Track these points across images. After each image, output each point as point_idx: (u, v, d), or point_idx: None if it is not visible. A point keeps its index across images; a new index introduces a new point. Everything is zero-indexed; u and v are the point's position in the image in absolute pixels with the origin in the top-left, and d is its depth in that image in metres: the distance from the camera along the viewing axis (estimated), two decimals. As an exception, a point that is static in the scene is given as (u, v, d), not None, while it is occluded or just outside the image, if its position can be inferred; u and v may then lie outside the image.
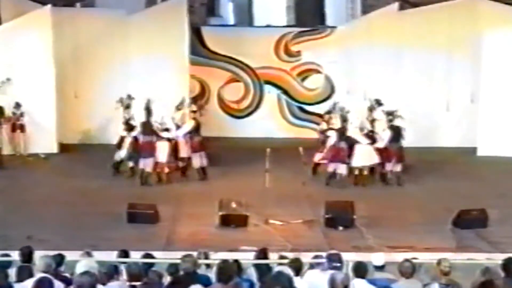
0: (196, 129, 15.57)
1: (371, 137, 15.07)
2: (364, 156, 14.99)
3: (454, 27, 19.02)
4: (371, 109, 15.52)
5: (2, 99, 17.42)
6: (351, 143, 14.99)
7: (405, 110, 15.93)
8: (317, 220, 12.17)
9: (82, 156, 17.64)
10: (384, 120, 15.17)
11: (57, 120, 18.25)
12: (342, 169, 14.97)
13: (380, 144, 15.01)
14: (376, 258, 7.49)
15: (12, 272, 7.17)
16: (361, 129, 15.11)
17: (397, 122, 15.12)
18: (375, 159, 15.01)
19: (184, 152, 15.41)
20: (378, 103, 15.56)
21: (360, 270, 7.06)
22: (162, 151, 15.00)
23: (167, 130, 15.19)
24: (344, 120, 15.14)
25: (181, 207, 13.18)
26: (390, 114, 15.19)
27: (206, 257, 8.26)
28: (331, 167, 15.11)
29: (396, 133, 15.07)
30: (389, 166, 15.12)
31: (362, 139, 14.99)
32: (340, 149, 14.99)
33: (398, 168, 15.16)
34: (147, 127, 15.12)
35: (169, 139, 15.14)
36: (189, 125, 15.51)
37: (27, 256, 7.41)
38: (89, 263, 7.24)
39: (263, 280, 7.32)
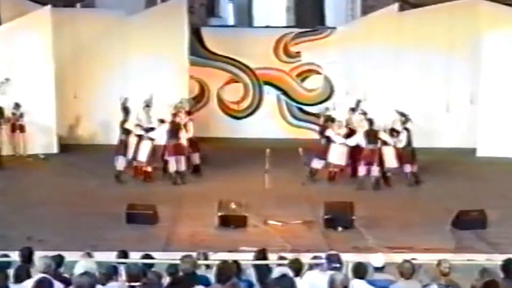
0: (172, 133, 15.12)
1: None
2: (393, 157, 14.95)
3: (454, 28, 19.02)
4: (353, 109, 15.60)
5: (1, 99, 17.41)
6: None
7: (404, 111, 16.01)
8: (317, 221, 12.17)
9: (82, 156, 17.64)
10: (398, 121, 15.19)
11: (57, 120, 18.28)
12: (376, 171, 14.84)
13: (400, 144, 15.02)
14: (376, 259, 7.49)
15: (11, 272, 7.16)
16: (385, 130, 15.12)
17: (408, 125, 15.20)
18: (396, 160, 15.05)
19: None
20: (358, 104, 15.84)
21: (360, 270, 7.07)
22: (143, 150, 15.00)
23: (151, 129, 15.15)
24: (371, 122, 15.03)
25: (181, 208, 13.18)
26: (404, 116, 15.25)
27: (206, 258, 8.26)
28: (362, 171, 14.90)
29: (409, 134, 15.17)
30: (407, 168, 15.12)
31: (390, 140, 14.98)
32: (373, 151, 14.85)
33: (415, 168, 15.24)
34: (122, 126, 15.28)
35: (151, 139, 15.07)
36: (162, 128, 15.17)
37: (27, 257, 7.40)
38: (88, 264, 7.23)
39: (264, 281, 7.34)
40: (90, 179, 15.29)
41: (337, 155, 15.24)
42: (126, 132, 15.25)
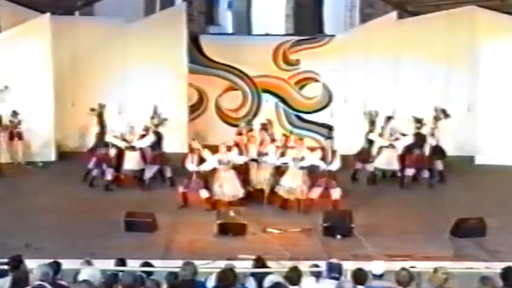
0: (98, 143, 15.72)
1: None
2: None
3: (453, 36, 19.02)
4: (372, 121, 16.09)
5: (0, 107, 17.42)
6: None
7: (403, 119, 16.07)
8: (315, 229, 12.15)
9: (80, 164, 17.60)
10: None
11: (55, 128, 18.28)
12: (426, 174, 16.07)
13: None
14: (375, 266, 7.48)
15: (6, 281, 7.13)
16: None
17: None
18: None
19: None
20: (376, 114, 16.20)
21: (360, 277, 7.07)
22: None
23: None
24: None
25: (179, 216, 13.16)
26: (372, 124, 16.03)
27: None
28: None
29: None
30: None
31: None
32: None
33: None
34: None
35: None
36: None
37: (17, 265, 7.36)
38: (92, 272, 7.19)
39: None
40: (89, 186, 15.28)
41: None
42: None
